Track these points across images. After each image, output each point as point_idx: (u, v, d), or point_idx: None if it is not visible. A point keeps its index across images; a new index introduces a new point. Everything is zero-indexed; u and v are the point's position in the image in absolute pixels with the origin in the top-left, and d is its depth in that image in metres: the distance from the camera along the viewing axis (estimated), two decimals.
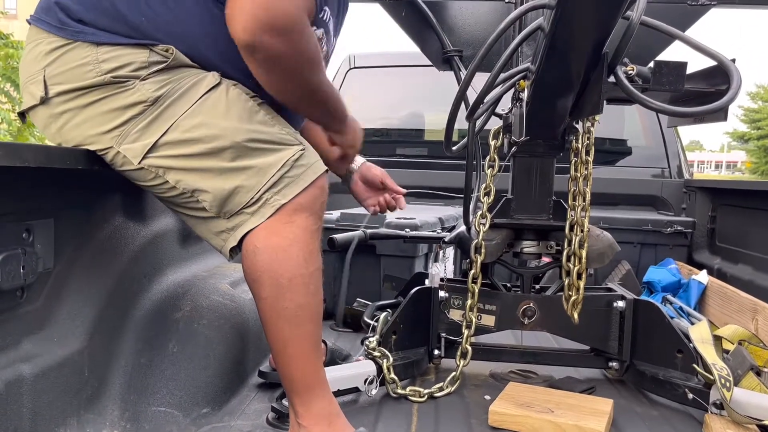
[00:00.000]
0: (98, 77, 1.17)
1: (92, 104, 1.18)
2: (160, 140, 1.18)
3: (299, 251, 1.19)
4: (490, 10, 1.98)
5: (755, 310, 1.97)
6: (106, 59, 1.17)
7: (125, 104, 1.17)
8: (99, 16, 1.18)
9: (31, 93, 1.23)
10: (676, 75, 1.21)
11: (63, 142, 1.23)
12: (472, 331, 1.69)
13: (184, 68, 1.21)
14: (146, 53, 1.18)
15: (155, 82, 1.18)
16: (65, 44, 1.19)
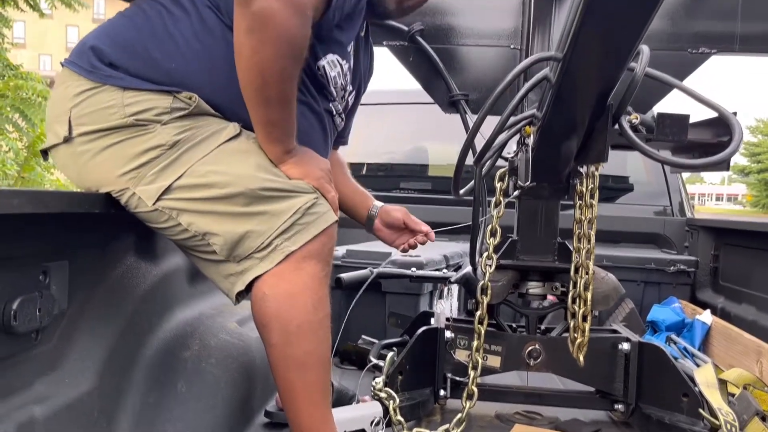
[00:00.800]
0: (121, 119, 1.21)
1: (113, 145, 1.22)
2: (174, 183, 1.21)
3: (308, 298, 1.20)
4: (496, 55, 2.03)
5: (759, 353, 1.97)
6: (131, 103, 1.21)
7: (145, 148, 1.21)
8: (130, 61, 1.23)
9: (55, 132, 1.26)
10: (679, 127, 1.24)
11: (81, 181, 1.27)
12: (479, 372, 1.69)
13: (206, 116, 1.25)
14: (170, 99, 1.22)
15: (176, 127, 1.22)
16: (93, 87, 1.23)
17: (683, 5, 1.96)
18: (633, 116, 1.34)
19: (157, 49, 1.24)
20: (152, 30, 1.27)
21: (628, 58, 1.13)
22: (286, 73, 1.18)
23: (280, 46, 1.13)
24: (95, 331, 1.34)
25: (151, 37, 1.26)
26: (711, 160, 1.19)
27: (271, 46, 1.13)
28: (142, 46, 1.24)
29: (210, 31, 1.27)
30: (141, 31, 1.27)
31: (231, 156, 1.23)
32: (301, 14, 1.14)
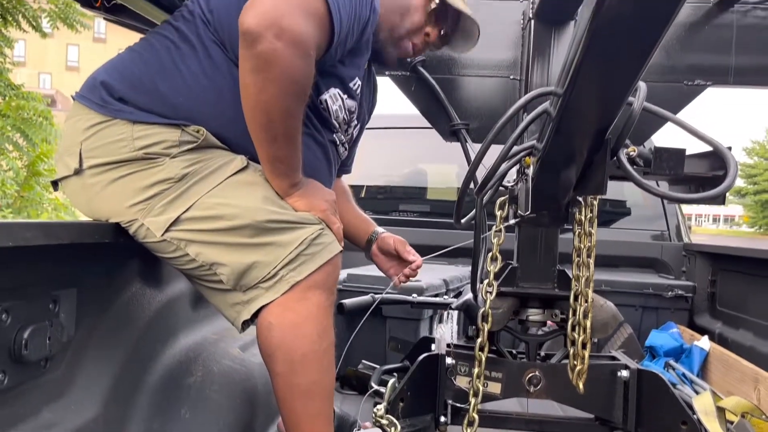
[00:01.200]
0: (131, 153, 1.24)
1: (122, 178, 1.25)
2: (183, 215, 1.24)
3: (313, 328, 1.22)
4: (496, 85, 2.07)
5: (757, 380, 1.99)
6: (140, 136, 1.24)
7: (154, 180, 1.23)
8: (139, 95, 1.26)
9: (66, 164, 1.29)
10: (675, 161, 1.27)
11: (90, 211, 1.29)
12: (480, 399, 1.70)
13: (214, 149, 1.28)
14: (178, 133, 1.25)
15: (184, 160, 1.24)
16: (104, 121, 1.26)
17: (678, 39, 2.01)
18: (631, 149, 1.37)
19: (166, 84, 1.27)
20: (161, 65, 1.30)
21: (626, 94, 1.16)
22: (290, 111, 1.22)
23: (285, 85, 1.17)
24: (101, 358, 1.35)
25: (159, 72, 1.30)
26: (707, 195, 1.22)
27: (275, 85, 1.17)
28: (150, 81, 1.28)
29: (217, 67, 1.31)
30: (149, 66, 1.31)
31: (238, 189, 1.25)
32: (304, 55, 1.18)
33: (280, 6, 1.14)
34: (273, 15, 1.13)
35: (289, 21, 1.14)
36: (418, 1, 1.55)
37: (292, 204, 1.31)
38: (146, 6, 1.66)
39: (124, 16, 2.04)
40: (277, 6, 1.14)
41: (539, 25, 1.88)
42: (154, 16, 1.80)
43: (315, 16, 1.20)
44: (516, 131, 1.41)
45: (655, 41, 0.97)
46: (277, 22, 1.13)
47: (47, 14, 7.37)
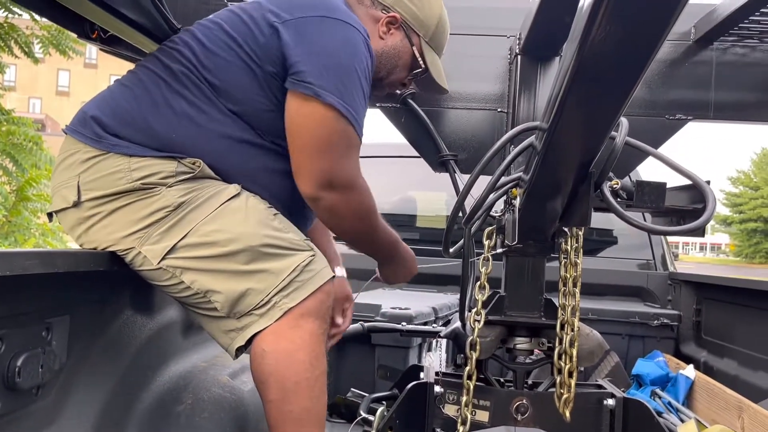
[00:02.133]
0: (129, 184, 1.27)
1: (121, 208, 1.27)
2: (179, 243, 1.26)
3: (305, 356, 1.24)
4: (484, 118, 2.12)
5: (740, 408, 2.02)
6: (137, 168, 1.27)
7: (151, 210, 1.26)
8: (133, 133, 1.29)
9: (64, 197, 1.31)
10: (657, 194, 1.31)
11: (88, 242, 1.31)
12: (468, 427, 1.72)
13: (208, 179, 1.31)
14: (174, 164, 1.28)
15: (180, 189, 1.28)
16: (100, 154, 1.29)
17: (660, 74, 2.07)
18: (614, 182, 1.41)
19: (157, 122, 1.31)
20: (151, 101, 1.33)
21: (609, 129, 1.20)
22: (369, 226, 1.49)
23: (354, 217, 1.42)
24: (92, 385, 1.36)
25: (150, 108, 1.33)
26: (687, 228, 1.26)
27: (348, 221, 1.43)
28: (142, 118, 1.31)
29: (208, 105, 1.34)
30: (140, 103, 1.34)
31: (232, 214, 1.29)
32: (358, 188, 1.38)
33: (327, 167, 1.32)
34: (325, 177, 1.32)
35: (338, 174, 1.33)
36: (406, 62, 1.61)
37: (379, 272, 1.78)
38: (143, 39, 1.70)
39: (120, 48, 2.07)
40: (325, 168, 1.32)
41: (525, 61, 1.94)
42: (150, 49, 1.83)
43: (353, 149, 1.37)
44: (503, 164, 1.45)
45: (636, 78, 1.02)
46: (329, 182, 1.32)
47: (39, 40, 7.40)
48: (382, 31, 1.56)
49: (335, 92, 1.29)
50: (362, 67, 1.35)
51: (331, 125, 1.30)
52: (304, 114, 1.31)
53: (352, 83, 1.32)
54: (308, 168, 1.31)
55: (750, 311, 2.52)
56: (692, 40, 2.10)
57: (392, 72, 1.61)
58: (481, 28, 2.10)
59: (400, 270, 1.77)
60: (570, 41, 1.09)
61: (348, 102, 1.31)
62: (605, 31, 0.89)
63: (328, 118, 1.30)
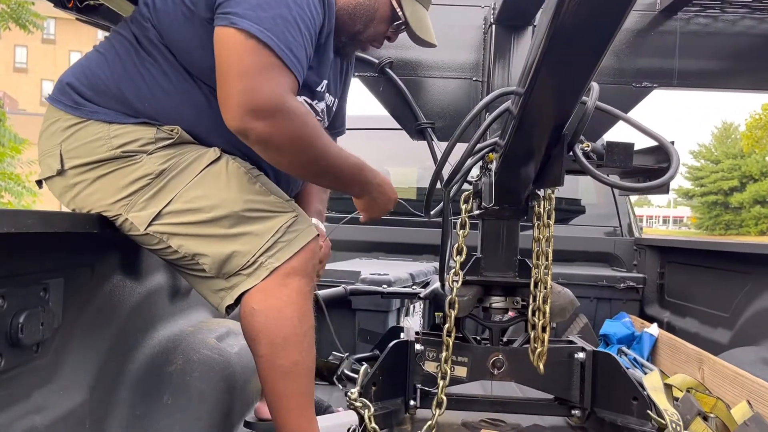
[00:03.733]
0: (109, 152, 1.30)
1: (103, 176, 1.31)
2: (164, 209, 1.30)
3: (293, 312, 1.30)
4: (460, 86, 2.19)
5: (701, 361, 2.15)
6: (117, 135, 1.30)
7: (134, 177, 1.30)
8: (108, 101, 1.32)
9: (49, 165, 1.34)
10: (625, 154, 1.40)
11: (77, 209, 1.34)
12: (447, 381, 1.80)
13: (188, 144, 1.35)
14: (153, 131, 1.32)
15: (160, 156, 1.31)
16: (80, 122, 1.32)
17: (627, 44, 2.16)
18: (585, 144, 1.49)
19: (130, 90, 1.33)
20: (123, 69, 1.35)
21: (581, 93, 1.27)
22: (315, 154, 1.33)
23: (294, 145, 1.28)
24: (86, 345, 1.40)
25: (122, 77, 1.34)
26: (652, 184, 1.35)
27: (288, 151, 1.29)
28: (116, 87, 1.33)
29: (173, 70, 1.36)
30: (113, 71, 1.35)
31: (214, 180, 1.32)
32: (286, 112, 1.24)
33: (241, 90, 1.20)
34: (242, 104, 1.20)
35: (257, 98, 1.20)
36: (384, 15, 1.55)
37: (356, 203, 1.61)
38: (123, 3, 1.71)
39: (96, 16, 2.07)
40: (240, 92, 1.20)
41: (500, 30, 2.01)
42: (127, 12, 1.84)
43: (273, 71, 1.23)
44: (480, 129, 1.52)
45: (606, 44, 1.09)
46: (249, 107, 1.20)
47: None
48: None
49: (253, 19, 1.22)
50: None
51: (242, 46, 1.21)
52: (220, 44, 1.24)
53: (276, 9, 1.24)
54: (226, 97, 1.21)
55: (709, 272, 2.66)
56: (657, 10, 2.18)
57: (369, 25, 1.54)
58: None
59: (377, 199, 1.58)
60: (544, 10, 1.15)
61: (267, 27, 1.22)
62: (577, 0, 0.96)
63: (240, 41, 1.21)
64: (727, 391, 1.95)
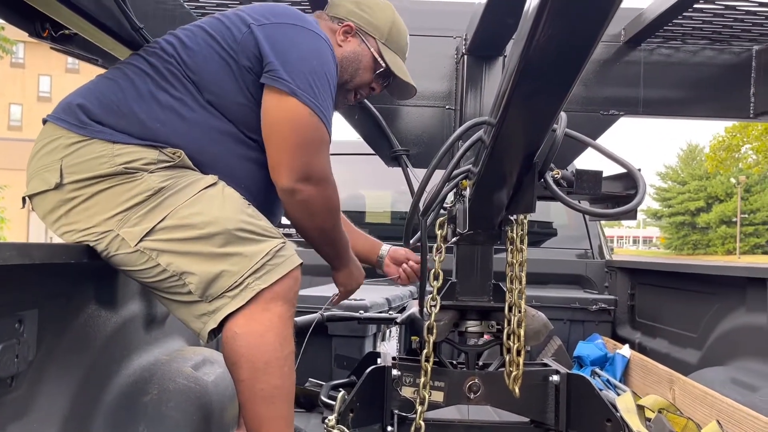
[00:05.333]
0: (111, 168, 1.32)
1: (102, 192, 1.32)
2: (157, 225, 1.32)
3: (275, 337, 1.31)
4: (433, 115, 2.23)
5: (672, 381, 2.19)
6: (120, 154, 1.33)
7: (132, 193, 1.32)
8: (118, 120, 1.35)
9: (45, 179, 1.35)
10: (594, 181, 1.44)
11: (67, 223, 1.35)
12: (426, 407, 1.81)
13: (187, 169, 1.38)
14: (156, 153, 1.35)
15: (161, 176, 1.34)
16: (83, 140, 1.34)
17: (594, 73, 2.23)
18: (555, 172, 1.53)
19: (143, 111, 1.38)
20: (137, 92, 1.40)
21: (551, 123, 1.32)
22: (332, 222, 1.58)
23: (325, 212, 1.51)
24: (60, 377, 1.39)
25: (136, 99, 1.40)
26: (621, 210, 1.39)
27: (319, 216, 1.51)
28: (127, 107, 1.38)
29: (192, 99, 1.43)
30: (126, 93, 1.41)
31: (210, 200, 1.35)
32: (330, 183, 1.48)
33: (305, 162, 1.42)
34: (302, 171, 1.41)
35: (314, 168, 1.43)
36: (367, 64, 1.74)
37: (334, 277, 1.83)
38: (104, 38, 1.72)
39: (71, 46, 2.08)
40: (303, 163, 1.41)
41: (471, 60, 2.06)
42: (110, 47, 1.85)
43: (326, 145, 1.47)
44: (454, 159, 1.55)
45: (576, 75, 1.13)
46: (306, 175, 1.42)
47: None
48: (340, 39, 1.71)
49: (309, 93, 1.41)
50: (331, 73, 1.49)
51: (308, 123, 1.41)
52: (283, 110, 1.41)
53: (323, 86, 1.44)
54: (288, 162, 1.41)
55: (677, 293, 2.72)
56: (622, 41, 2.26)
57: (355, 75, 1.73)
58: (428, 29, 2.21)
59: (354, 273, 1.84)
60: (516, 42, 1.20)
61: (320, 103, 1.43)
62: (548, 33, 1.00)
63: (305, 116, 1.41)
64: (697, 411, 2.00)
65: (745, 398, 1.84)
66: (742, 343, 2.14)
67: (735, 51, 2.28)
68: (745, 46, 2.28)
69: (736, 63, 2.28)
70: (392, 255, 2.07)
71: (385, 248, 2.08)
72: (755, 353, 2.05)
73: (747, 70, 2.27)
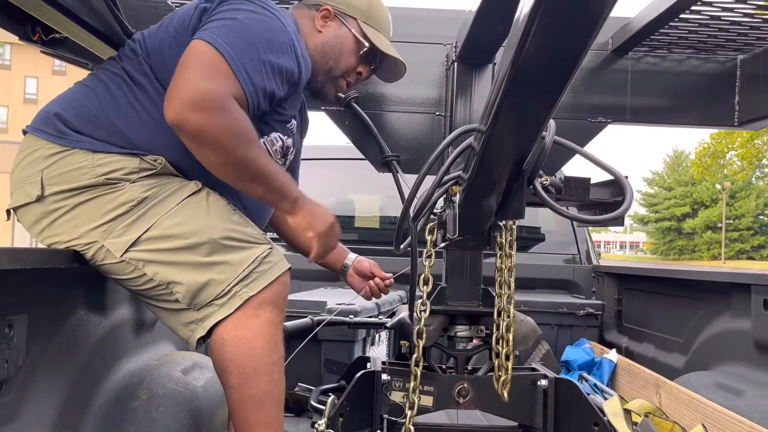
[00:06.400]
0: (93, 179, 1.31)
1: (84, 203, 1.32)
2: (142, 236, 1.32)
3: (264, 342, 1.32)
4: (424, 120, 2.25)
5: (658, 386, 2.22)
6: (101, 164, 1.32)
7: (115, 204, 1.31)
8: (95, 130, 1.34)
9: (26, 192, 1.34)
10: (582, 188, 1.46)
11: (51, 235, 1.34)
12: (415, 411, 1.82)
13: (170, 176, 1.37)
14: (137, 161, 1.34)
15: (143, 185, 1.33)
16: (63, 150, 1.33)
17: (582, 81, 2.26)
18: (544, 179, 1.55)
19: (120, 120, 1.36)
20: (114, 102, 1.39)
21: (540, 130, 1.34)
22: (246, 158, 1.32)
23: (226, 144, 1.29)
24: (50, 382, 1.38)
25: (113, 108, 1.38)
26: (608, 217, 1.42)
27: (219, 149, 1.29)
28: (105, 117, 1.36)
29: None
30: (104, 102, 1.39)
31: (194, 209, 1.35)
32: (222, 109, 1.28)
33: (181, 86, 1.26)
34: (180, 97, 1.26)
35: (192, 91, 1.26)
36: (350, 47, 1.70)
37: (294, 224, 1.43)
38: (95, 42, 1.72)
39: (62, 50, 2.07)
40: (179, 87, 1.26)
41: (461, 67, 2.08)
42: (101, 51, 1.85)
43: (220, 74, 1.30)
44: (444, 165, 1.57)
45: (565, 83, 1.15)
46: (184, 100, 1.25)
47: None
48: (320, 25, 1.67)
49: (218, 35, 1.31)
50: (269, 38, 1.37)
51: (197, 50, 1.30)
52: (185, 51, 1.32)
53: (246, 39, 1.33)
54: (171, 90, 1.26)
55: (664, 298, 2.75)
56: (610, 50, 2.29)
57: (340, 59, 1.68)
58: (419, 36, 2.22)
59: (315, 211, 1.47)
60: (506, 50, 1.21)
61: (229, 43, 1.30)
62: (538, 42, 1.02)
63: (197, 46, 1.30)
64: (683, 415, 2.02)
65: (730, 402, 1.87)
66: (727, 347, 2.17)
67: (720, 60, 2.32)
68: (729, 56, 2.31)
69: (721, 72, 2.32)
70: (356, 266, 2.03)
71: (351, 257, 2.04)
72: (740, 358, 2.08)
73: (732, 79, 2.31)
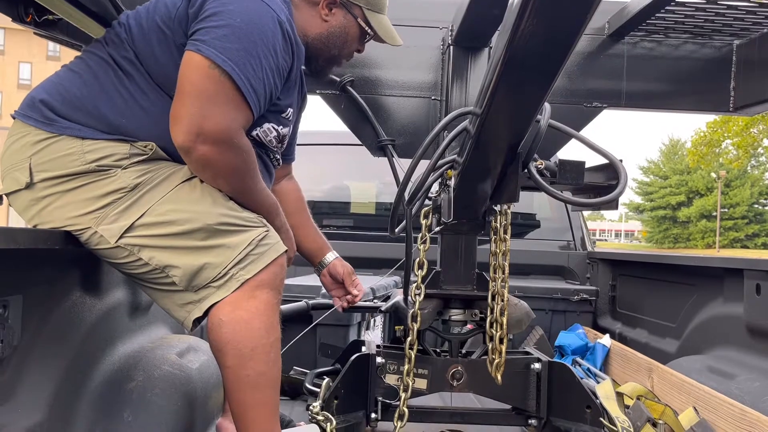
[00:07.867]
0: (83, 166, 1.30)
1: (75, 189, 1.30)
2: (137, 222, 1.31)
3: (261, 323, 1.32)
4: (419, 105, 2.25)
5: (650, 369, 2.24)
6: (90, 150, 1.30)
7: (107, 191, 1.30)
8: (83, 117, 1.33)
9: (15, 179, 1.33)
10: (576, 172, 1.47)
11: (41, 222, 1.33)
12: (409, 394, 1.84)
13: (162, 161, 1.36)
14: (127, 147, 1.33)
15: (135, 171, 1.32)
16: (51, 137, 1.31)
17: (578, 66, 2.26)
18: (539, 162, 1.56)
19: (107, 107, 1.35)
20: (100, 87, 1.37)
21: (535, 113, 1.34)
22: (243, 186, 1.39)
23: (227, 174, 1.35)
24: (45, 363, 1.39)
25: (100, 94, 1.36)
26: (602, 200, 1.42)
27: (221, 176, 1.35)
28: (92, 104, 1.35)
29: (152, 89, 1.40)
30: (90, 88, 1.37)
31: (188, 194, 1.34)
32: (232, 145, 1.32)
33: (196, 113, 1.27)
34: (193, 124, 1.26)
35: (209, 123, 1.27)
36: (355, 35, 1.68)
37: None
38: (89, 22, 1.71)
39: (55, 32, 2.06)
40: (194, 114, 1.27)
41: (457, 51, 2.08)
42: (94, 32, 1.84)
43: (230, 102, 1.31)
44: (440, 148, 1.57)
45: (559, 66, 1.15)
46: (199, 130, 1.26)
47: None
48: (324, 14, 1.63)
49: (219, 49, 1.28)
50: (264, 37, 1.34)
51: (204, 72, 1.28)
52: (185, 66, 1.30)
53: (242, 43, 1.30)
54: (178, 113, 1.27)
55: (657, 284, 2.77)
56: (606, 34, 2.29)
57: (344, 47, 1.67)
58: (415, 20, 2.21)
59: (284, 240, 1.52)
60: (501, 34, 1.21)
61: (233, 60, 1.29)
62: (532, 25, 1.02)
63: (202, 66, 1.28)
64: (674, 398, 2.04)
65: (721, 386, 1.89)
66: (719, 332, 2.18)
67: (716, 45, 2.32)
68: (725, 41, 2.31)
69: (717, 57, 2.32)
70: (331, 269, 1.97)
71: (329, 257, 1.98)
72: (731, 342, 2.10)
73: (727, 64, 2.31)
